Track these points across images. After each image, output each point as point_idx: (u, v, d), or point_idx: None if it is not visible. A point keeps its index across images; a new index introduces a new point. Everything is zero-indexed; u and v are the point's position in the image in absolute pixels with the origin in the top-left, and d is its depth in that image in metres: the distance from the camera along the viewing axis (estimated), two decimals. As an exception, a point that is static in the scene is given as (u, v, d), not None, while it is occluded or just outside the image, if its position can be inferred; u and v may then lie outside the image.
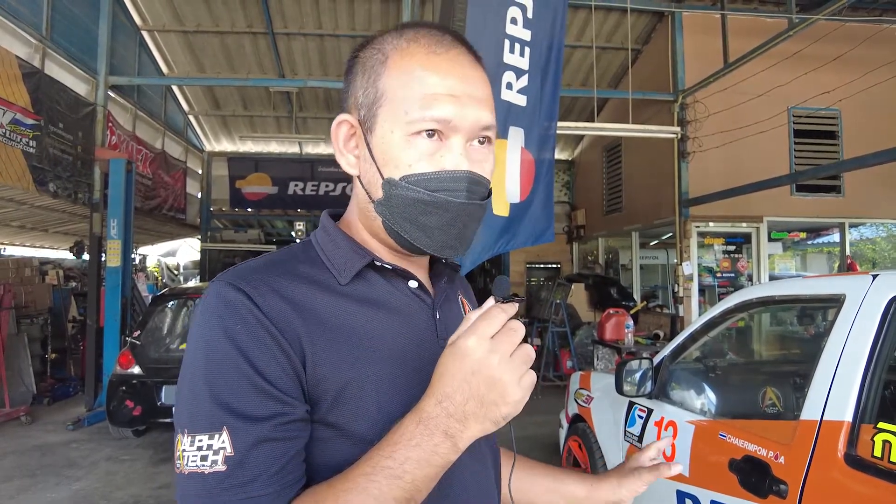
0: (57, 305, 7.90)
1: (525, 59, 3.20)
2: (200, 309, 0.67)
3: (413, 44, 0.72)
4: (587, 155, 11.84)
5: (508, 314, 0.63)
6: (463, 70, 0.72)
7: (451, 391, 0.61)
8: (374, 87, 0.72)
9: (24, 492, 4.22)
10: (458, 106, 0.69)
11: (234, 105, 10.92)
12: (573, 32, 8.92)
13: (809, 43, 6.56)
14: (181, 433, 0.62)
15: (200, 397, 0.62)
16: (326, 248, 0.77)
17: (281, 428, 0.62)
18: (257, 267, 0.71)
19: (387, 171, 0.71)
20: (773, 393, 2.55)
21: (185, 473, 0.61)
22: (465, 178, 0.70)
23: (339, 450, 0.67)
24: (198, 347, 0.64)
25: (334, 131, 0.77)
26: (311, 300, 0.69)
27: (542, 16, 3.31)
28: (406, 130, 0.69)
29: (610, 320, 6.88)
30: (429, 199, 0.70)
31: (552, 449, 4.87)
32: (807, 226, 8.58)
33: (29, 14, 6.04)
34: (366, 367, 0.69)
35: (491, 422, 0.61)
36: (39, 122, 5.93)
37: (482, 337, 0.61)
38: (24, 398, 6.53)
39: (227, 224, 13.17)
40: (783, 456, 1.72)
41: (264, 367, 0.63)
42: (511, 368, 0.60)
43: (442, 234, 0.72)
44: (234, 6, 8.39)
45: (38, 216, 7.85)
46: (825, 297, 1.99)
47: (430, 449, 0.60)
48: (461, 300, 0.92)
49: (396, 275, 0.78)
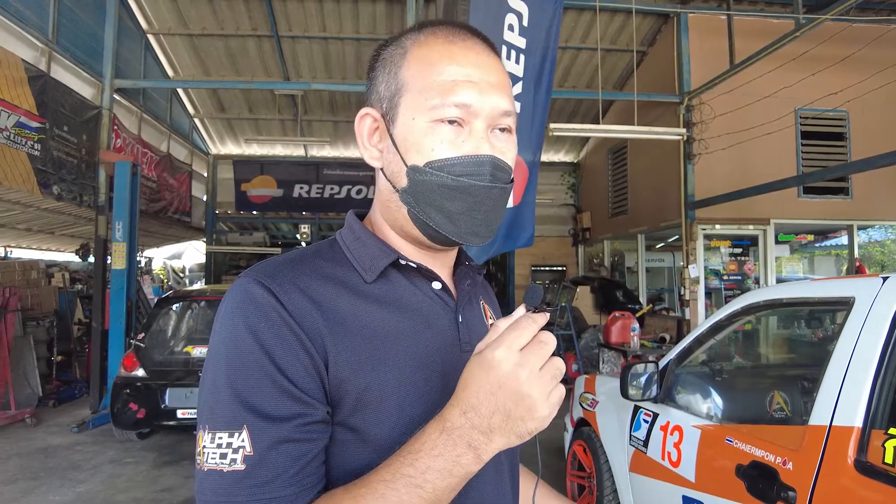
0: (63, 308, 7.93)
1: (520, 66, 3.22)
2: (225, 305, 0.66)
3: (431, 36, 0.73)
4: (592, 157, 11.81)
5: (539, 325, 0.61)
6: (479, 58, 0.72)
7: (476, 403, 0.59)
8: (395, 79, 0.73)
9: (27, 494, 4.21)
10: (477, 92, 0.70)
11: (239, 108, 10.95)
12: (578, 34, 8.90)
13: (817, 44, 6.52)
14: (202, 429, 0.62)
15: (221, 394, 0.61)
16: (352, 246, 0.76)
17: (302, 429, 0.61)
18: (283, 263, 0.70)
19: (410, 158, 0.71)
20: (780, 397, 2.52)
21: (205, 470, 0.60)
22: (489, 163, 0.70)
23: (356, 454, 0.66)
24: (221, 343, 0.64)
25: (358, 125, 0.77)
26: (335, 300, 0.69)
27: (538, 23, 3.32)
28: (428, 117, 0.69)
29: (616, 323, 6.84)
30: (453, 184, 0.69)
31: (557, 453, 4.84)
32: (814, 228, 8.51)
33: (35, 18, 6.08)
34: (388, 370, 0.68)
35: (516, 436, 0.60)
36: (44, 125, 5.95)
37: (511, 349, 0.59)
38: (30, 400, 6.54)
39: (232, 227, 13.20)
40: (791, 462, 1.68)
41: (287, 366, 0.62)
42: (540, 384, 0.59)
43: (468, 220, 0.72)
44: (239, 9, 8.42)
45: (45, 219, 7.89)
46: (834, 300, 1.96)
47: (452, 460, 0.59)
48: (483, 305, 0.90)
49: (420, 275, 0.77)
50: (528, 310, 0.63)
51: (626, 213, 9.89)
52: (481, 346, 0.62)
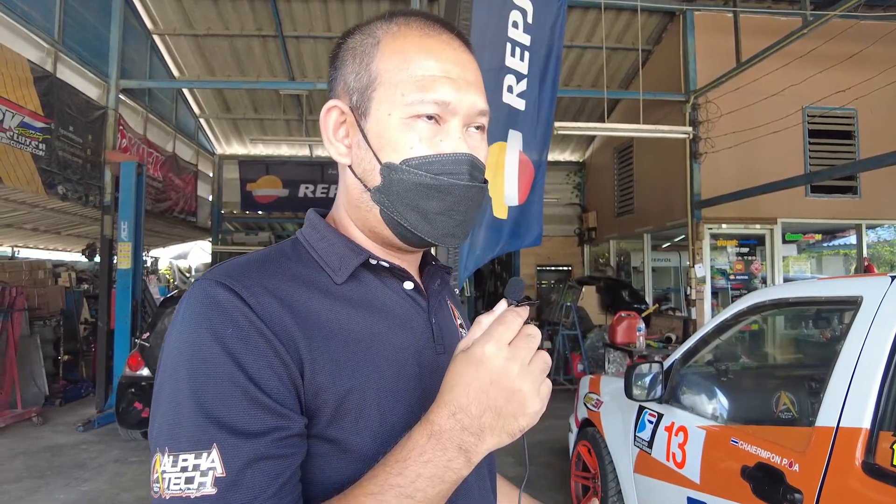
0: (69, 307, 7.97)
1: (525, 63, 3.19)
2: (183, 311, 0.60)
3: (405, 27, 0.69)
4: (598, 156, 11.77)
5: (524, 318, 0.60)
6: (456, 53, 0.69)
7: (465, 403, 0.56)
8: (367, 71, 0.68)
9: (33, 493, 4.23)
10: (455, 89, 0.67)
11: (244, 108, 10.97)
12: (583, 33, 8.87)
13: (824, 41, 6.46)
14: (160, 452, 0.55)
15: (184, 410, 0.55)
16: (318, 245, 0.72)
17: (279, 444, 0.56)
18: (247, 264, 0.65)
19: (384, 155, 0.67)
20: (787, 398, 2.49)
21: (166, 499, 0.53)
22: (467, 161, 0.68)
23: (337, 466, 0.62)
24: (181, 354, 0.57)
25: (323, 119, 0.72)
26: (307, 302, 0.64)
27: (542, 20, 3.29)
28: (404, 113, 0.66)
29: (621, 323, 6.81)
30: (432, 183, 0.66)
31: (562, 454, 4.81)
32: (822, 227, 8.44)
33: (41, 19, 6.10)
34: (366, 375, 0.64)
35: (507, 434, 0.58)
36: (49, 126, 5.98)
37: (500, 343, 0.57)
38: (37, 399, 6.58)
39: (238, 227, 13.23)
40: (798, 464, 1.66)
41: (260, 375, 0.56)
42: (531, 378, 0.58)
43: (444, 220, 0.69)
44: (244, 10, 8.44)
45: (51, 219, 7.93)
46: (841, 300, 1.93)
47: (442, 465, 0.56)
48: (450, 305, 0.87)
49: (392, 275, 0.73)
50: (511, 304, 0.62)
51: (632, 212, 9.85)
52: (466, 343, 0.60)
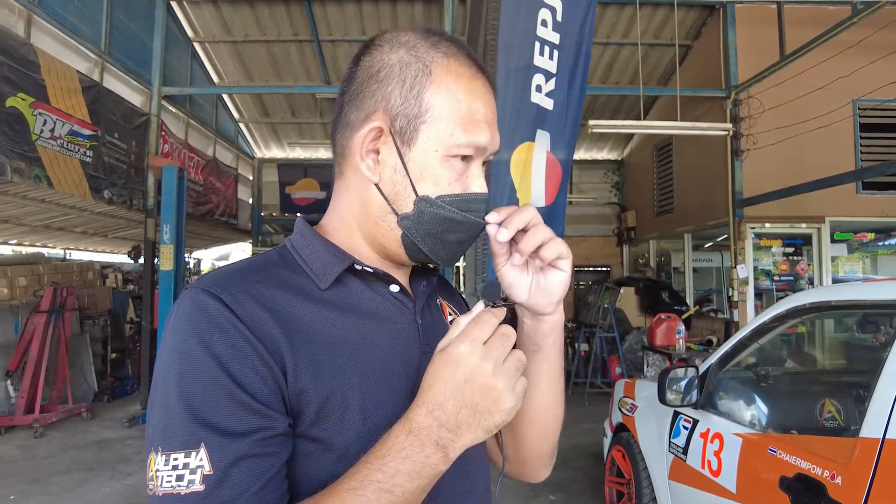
0: (116, 307, 8.28)
1: (554, 62, 3.15)
2: (174, 318, 0.63)
3: (454, 62, 0.72)
4: (637, 155, 11.53)
5: (499, 318, 0.63)
6: (488, 96, 0.74)
7: (443, 400, 0.60)
8: (419, 101, 0.69)
9: (82, 485, 4.41)
10: (491, 133, 0.72)
11: (282, 112, 11.18)
12: (619, 30, 8.70)
13: (876, 30, 6.15)
14: (154, 451, 0.58)
15: (174, 412, 0.58)
16: (304, 252, 0.74)
17: (263, 443, 0.59)
18: (233, 273, 0.68)
19: (423, 187, 0.70)
20: (832, 406, 2.37)
21: (159, 495, 0.56)
22: (485, 200, 0.74)
23: (322, 464, 0.64)
24: (171, 359, 0.60)
25: (364, 138, 0.71)
26: (291, 308, 0.66)
27: (571, 18, 3.24)
28: (447, 151, 0.70)
29: (661, 325, 6.65)
30: (460, 219, 0.71)
31: (597, 458, 4.73)
32: (875, 226, 8.04)
33: (89, 31, 6.35)
34: (349, 376, 0.66)
35: (483, 430, 0.61)
36: (96, 133, 6.21)
37: (475, 343, 0.61)
38: (87, 395, 6.86)
39: (277, 229, 13.51)
40: (840, 476, 1.58)
41: (244, 378, 0.59)
42: (506, 376, 0.61)
43: (457, 249, 0.75)
44: (281, 16, 8.59)
45: (98, 222, 8.24)
46: (889, 303, 1.82)
47: (420, 461, 0.59)
48: (441, 303, 0.88)
49: (377, 279, 0.75)
50: (488, 305, 0.65)
51: (672, 211, 9.60)
52: (444, 343, 0.63)
